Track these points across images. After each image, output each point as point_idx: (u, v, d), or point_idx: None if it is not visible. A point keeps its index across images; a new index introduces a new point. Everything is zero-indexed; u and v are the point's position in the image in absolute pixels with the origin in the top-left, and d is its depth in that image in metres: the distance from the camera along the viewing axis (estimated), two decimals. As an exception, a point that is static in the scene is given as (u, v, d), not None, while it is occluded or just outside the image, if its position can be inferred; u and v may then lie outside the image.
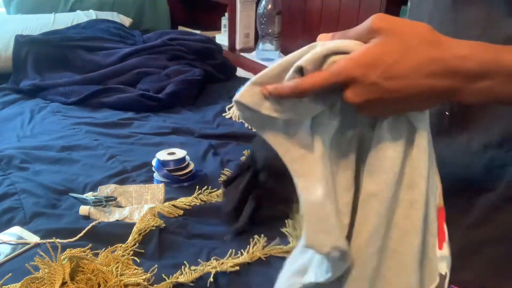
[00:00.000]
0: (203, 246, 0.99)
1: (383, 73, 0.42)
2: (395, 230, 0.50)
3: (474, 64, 0.43)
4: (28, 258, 0.95)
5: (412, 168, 0.49)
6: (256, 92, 0.49)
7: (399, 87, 0.43)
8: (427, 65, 0.42)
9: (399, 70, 0.42)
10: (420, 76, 0.42)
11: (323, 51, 0.45)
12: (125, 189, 1.20)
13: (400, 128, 0.48)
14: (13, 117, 1.68)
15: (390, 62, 0.42)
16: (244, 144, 1.51)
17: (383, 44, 0.43)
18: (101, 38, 2.15)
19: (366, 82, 0.43)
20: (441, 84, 0.43)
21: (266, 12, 2.39)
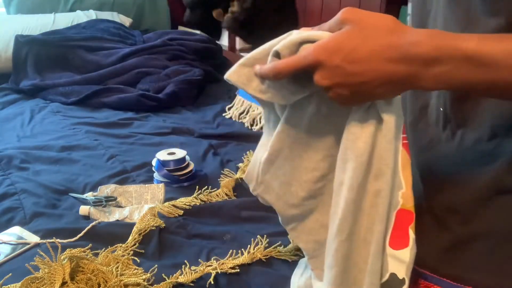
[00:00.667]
0: (203, 246, 0.99)
1: (345, 57, 0.46)
2: (364, 218, 0.52)
3: (428, 49, 0.45)
4: (28, 258, 0.95)
5: (379, 158, 0.51)
6: (244, 72, 0.54)
7: (360, 70, 0.46)
8: (385, 51, 0.46)
9: (360, 55, 0.46)
10: (378, 61, 0.46)
11: (298, 39, 0.50)
12: (125, 189, 1.20)
13: (369, 120, 0.51)
14: (13, 117, 1.68)
15: (351, 47, 0.46)
16: (244, 144, 1.51)
17: (348, 32, 0.47)
18: (101, 38, 2.15)
19: (331, 65, 0.47)
20: (398, 69, 0.46)
21: (266, 12, 2.39)
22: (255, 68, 0.53)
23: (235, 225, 1.07)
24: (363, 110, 0.51)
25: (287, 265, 0.94)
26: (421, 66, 0.45)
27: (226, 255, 0.96)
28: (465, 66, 0.45)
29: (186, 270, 0.90)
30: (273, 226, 1.06)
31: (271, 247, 0.96)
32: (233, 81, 0.55)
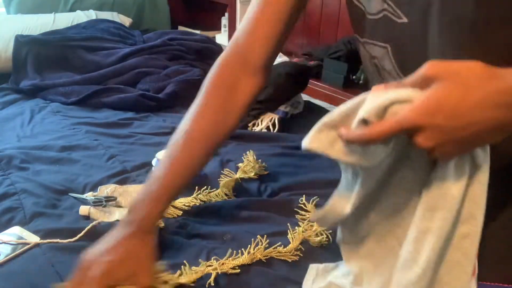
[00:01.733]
0: (203, 246, 0.99)
1: (448, 115, 0.44)
2: (446, 262, 0.52)
3: None
4: (28, 258, 0.95)
5: (472, 203, 0.51)
6: (323, 138, 0.54)
7: (466, 124, 0.45)
8: (491, 98, 0.44)
9: (463, 109, 0.44)
10: (485, 110, 0.44)
11: (385, 102, 0.47)
12: (125, 189, 1.20)
13: (465, 168, 0.50)
14: (13, 117, 1.68)
15: (453, 104, 0.44)
16: (244, 144, 1.51)
17: (442, 88, 0.45)
18: (101, 38, 2.15)
19: (433, 126, 0.45)
20: (504, 115, 0.44)
21: (266, 12, 2.39)
22: (341, 132, 0.51)
23: (235, 225, 1.07)
24: (457, 159, 0.50)
25: (287, 265, 0.94)
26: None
27: (226, 255, 0.96)
28: None
29: (186, 270, 0.90)
30: (273, 226, 1.06)
31: (271, 248, 0.96)
32: (315, 149, 0.54)
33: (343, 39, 2.15)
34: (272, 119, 1.66)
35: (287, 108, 1.72)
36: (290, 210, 1.13)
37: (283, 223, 1.07)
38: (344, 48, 2.08)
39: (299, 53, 2.45)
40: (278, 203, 1.17)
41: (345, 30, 2.21)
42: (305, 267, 0.91)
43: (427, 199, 0.51)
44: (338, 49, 2.11)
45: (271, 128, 1.63)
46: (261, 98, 1.67)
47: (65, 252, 0.96)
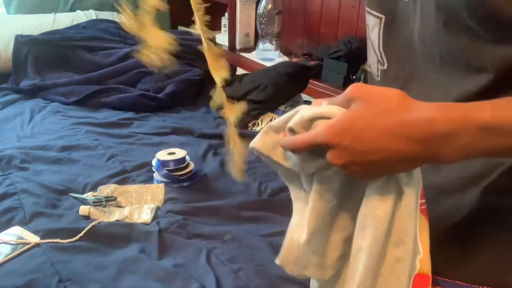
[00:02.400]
0: (203, 246, 0.99)
1: (355, 138, 0.46)
2: (381, 283, 0.53)
3: (442, 125, 0.44)
4: (28, 258, 0.95)
5: (399, 228, 0.52)
6: (267, 140, 0.57)
7: (370, 149, 0.46)
8: (395, 129, 0.45)
9: (369, 135, 0.45)
10: (388, 140, 0.45)
11: (309, 116, 0.51)
12: (125, 189, 1.20)
13: (389, 190, 0.51)
14: (13, 117, 1.68)
15: (360, 127, 0.46)
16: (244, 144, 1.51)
17: (356, 111, 0.46)
18: (101, 38, 2.15)
19: (340, 147, 0.47)
20: (412, 148, 0.45)
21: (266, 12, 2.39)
22: (280, 136, 0.54)
23: (235, 225, 1.07)
24: (383, 180, 0.51)
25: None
26: (438, 143, 0.44)
27: (226, 255, 0.96)
28: (483, 136, 0.44)
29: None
30: (273, 226, 1.06)
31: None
32: (258, 148, 0.57)
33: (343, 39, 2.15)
34: (272, 119, 1.66)
35: (287, 108, 1.72)
36: (290, 210, 1.13)
37: (283, 223, 1.07)
38: (344, 48, 2.08)
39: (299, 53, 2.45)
40: (278, 203, 1.17)
41: (345, 30, 2.21)
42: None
43: (359, 216, 0.53)
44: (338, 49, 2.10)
45: (271, 128, 1.64)
46: (261, 98, 1.67)
47: (65, 252, 0.96)
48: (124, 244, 1.00)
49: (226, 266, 0.93)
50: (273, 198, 1.20)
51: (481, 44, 0.49)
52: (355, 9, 2.14)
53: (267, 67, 1.95)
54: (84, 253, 0.96)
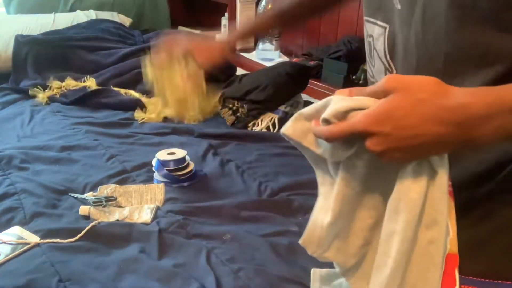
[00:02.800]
0: (203, 246, 0.99)
1: (396, 125, 0.48)
2: (414, 266, 0.54)
3: (478, 109, 0.47)
4: (28, 258, 0.95)
5: (433, 208, 0.53)
6: (298, 127, 0.58)
7: (411, 135, 0.48)
8: (434, 115, 0.47)
9: (409, 122, 0.48)
10: (428, 125, 0.48)
11: (344, 108, 0.52)
12: (125, 189, 1.20)
13: (422, 172, 0.52)
14: (13, 117, 1.68)
15: (401, 115, 0.48)
16: (244, 144, 1.51)
17: (394, 100, 0.49)
18: (101, 38, 2.15)
19: (381, 134, 0.49)
20: (449, 131, 0.47)
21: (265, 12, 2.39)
22: (312, 125, 0.56)
23: (235, 225, 1.07)
24: (415, 163, 0.53)
25: (287, 265, 0.94)
26: (474, 126, 0.47)
27: (226, 255, 0.96)
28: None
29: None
30: (273, 226, 1.06)
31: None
32: (289, 135, 0.58)
33: (343, 39, 2.15)
34: (272, 119, 1.66)
35: (287, 108, 1.72)
36: (290, 210, 1.13)
37: (283, 223, 1.07)
38: (344, 48, 2.08)
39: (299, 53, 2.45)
40: (278, 203, 1.17)
41: (345, 30, 2.21)
42: (305, 267, 0.91)
43: (391, 201, 0.55)
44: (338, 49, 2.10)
45: (271, 128, 1.63)
46: (261, 98, 1.67)
47: (65, 252, 0.96)
48: (124, 244, 1.00)
49: (226, 266, 0.93)
50: (273, 198, 1.20)
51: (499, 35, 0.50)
52: (355, 9, 2.14)
53: (267, 67, 1.95)
54: (84, 253, 0.96)
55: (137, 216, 1.08)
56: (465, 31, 0.53)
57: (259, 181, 1.27)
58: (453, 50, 0.56)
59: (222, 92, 1.80)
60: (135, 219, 1.08)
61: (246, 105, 1.69)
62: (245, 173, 1.31)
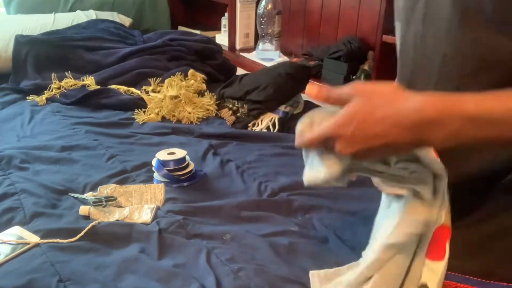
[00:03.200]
0: (203, 246, 0.99)
1: (357, 127, 0.54)
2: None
3: (428, 114, 0.50)
4: (28, 258, 0.95)
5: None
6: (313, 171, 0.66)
7: (372, 135, 0.53)
8: (390, 117, 0.52)
9: (369, 123, 0.53)
10: (386, 127, 0.52)
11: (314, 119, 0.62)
12: (125, 189, 1.20)
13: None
14: (13, 117, 1.68)
15: (361, 118, 0.53)
16: (244, 144, 1.51)
17: (356, 104, 0.54)
18: (101, 38, 2.15)
19: (346, 135, 0.54)
20: (403, 134, 0.51)
21: (266, 12, 2.39)
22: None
23: (235, 225, 1.07)
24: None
25: (287, 265, 0.94)
26: (426, 130, 0.50)
27: (226, 255, 0.96)
28: (468, 126, 0.49)
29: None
30: (273, 226, 1.06)
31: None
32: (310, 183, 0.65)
33: (343, 39, 2.14)
34: (272, 119, 1.66)
35: (287, 108, 1.72)
36: (290, 210, 1.13)
37: (283, 223, 1.07)
38: (344, 48, 2.08)
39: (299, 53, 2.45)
40: (278, 203, 1.17)
41: (345, 30, 2.21)
42: (305, 267, 0.91)
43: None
44: (338, 49, 2.10)
45: (271, 128, 1.63)
46: (261, 98, 1.67)
47: (65, 252, 0.96)
48: (124, 244, 1.00)
49: (226, 266, 0.93)
50: (273, 198, 1.20)
51: (501, 38, 0.51)
52: (355, 9, 2.14)
53: (267, 67, 1.95)
54: (84, 253, 0.96)
55: (137, 216, 1.08)
56: (466, 31, 0.53)
57: (259, 181, 1.27)
58: (452, 51, 0.56)
59: (222, 93, 1.80)
60: (135, 219, 1.08)
61: (246, 105, 1.69)
62: (245, 173, 1.31)
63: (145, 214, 1.09)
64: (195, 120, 1.69)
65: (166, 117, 1.72)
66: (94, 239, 1.00)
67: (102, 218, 1.08)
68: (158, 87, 1.87)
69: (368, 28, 2.09)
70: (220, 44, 2.35)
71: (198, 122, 1.69)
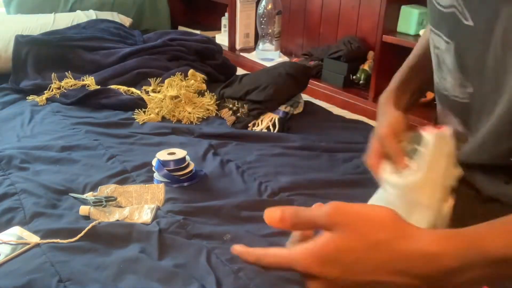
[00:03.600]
0: (203, 246, 0.99)
1: (345, 270, 0.40)
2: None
3: (450, 261, 0.39)
4: (28, 258, 0.95)
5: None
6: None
7: (363, 282, 0.41)
8: (392, 263, 0.40)
9: (362, 268, 0.40)
10: (383, 274, 0.40)
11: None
12: (125, 189, 1.20)
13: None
14: (13, 117, 1.68)
15: (352, 259, 0.40)
16: (244, 144, 1.51)
17: (343, 239, 0.41)
18: (101, 38, 2.15)
19: (327, 278, 0.41)
20: (409, 282, 0.40)
21: (266, 12, 2.39)
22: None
23: (235, 225, 1.07)
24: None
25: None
26: (443, 279, 0.40)
27: (226, 255, 0.96)
28: (494, 268, 0.40)
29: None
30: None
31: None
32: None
33: (343, 39, 2.15)
34: (272, 119, 1.66)
35: (287, 108, 1.72)
36: (290, 210, 1.13)
37: (283, 223, 1.07)
38: (344, 48, 2.08)
39: (299, 53, 2.45)
40: (278, 203, 1.17)
41: (345, 30, 2.21)
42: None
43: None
44: (338, 49, 2.11)
45: (271, 128, 1.63)
46: (261, 98, 1.67)
47: (65, 252, 0.96)
48: (124, 244, 1.00)
49: (226, 266, 0.93)
50: (273, 198, 1.20)
51: None
52: (355, 9, 2.14)
53: (267, 67, 1.95)
54: (84, 253, 0.96)
55: (137, 216, 1.08)
56: None
57: (259, 181, 1.27)
58: None
59: (222, 93, 1.80)
60: (135, 219, 1.08)
61: (246, 105, 1.69)
62: (245, 173, 1.31)
63: (145, 214, 1.09)
64: (195, 120, 1.69)
65: (166, 117, 1.72)
66: (94, 239, 1.00)
67: (102, 218, 1.08)
68: (158, 87, 1.87)
69: (368, 28, 2.10)
70: (220, 44, 2.35)
71: (198, 122, 1.69)
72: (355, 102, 2.01)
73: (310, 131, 1.60)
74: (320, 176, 1.30)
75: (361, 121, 1.77)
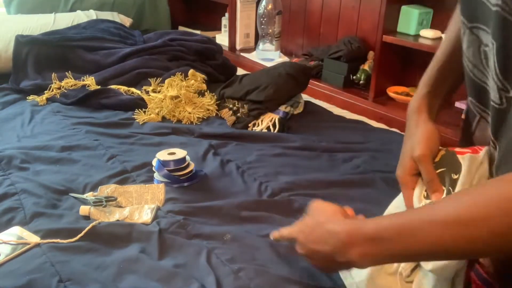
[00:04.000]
0: (203, 246, 0.99)
1: (305, 238, 0.70)
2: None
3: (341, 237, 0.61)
4: (28, 258, 0.95)
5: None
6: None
7: (312, 248, 0.67)
8: (322, 236, 0.65)
9: (311, 237, 0.68)
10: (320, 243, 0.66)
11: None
12: (125, 189, 1.20)
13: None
14: (13, 117, 1.68)
15: (308, 231, 0.70)
16: (244, 144, 1.51)
17: (307, 219, 0.73)
18: (101, 38, 2.15)
19: (298, 241, 0.73)
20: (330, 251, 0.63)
21: (266, 12, 2.39)
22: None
23: (235, 225, 1.07)
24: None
25: (287, 265, 0.94)
26: (342, 250, 0.61)
27: (226, 255, 0.96)
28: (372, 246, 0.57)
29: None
30: (274, 226, 1.06)
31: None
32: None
33: (343, 39, 2.14)
34: (273, 119, 1.66)
35: (287, 108, 1.72)
36: (290, 210, 1.13)
37: (283, 223, 1.07)
38: (345, 48, 2.08)
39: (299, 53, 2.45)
40: (278, 203, 1.17)
41: (345, 30, 2.21)
42: (305, 267, 0.91)
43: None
44: (338, 49, 2.10)
45: (271, 128, 1.63)
46: (261, 98, 1.67)
47: (65, 252, 0.96)
48: (124, 244, 1.00)
49: (226, 266, 0.93)
50: (273, 198, 1.20)
51: None
52: (355, 9, 2.14)
53: (267, 67, 1.95)
54: (84, 253, 0.96)
55: (137, 216, 1.08)
56: None
57: (259, 181, 1.27)
58: None
59: (222, 93, 1.80)
60: (136, 219, 1.08)
61: (247, 105, 1.69)
62: (246, 173, 1.31)
63: (145, 214, 1.09)
64: (195, 120, 1.69)
65: (166, 117, 1.72)
66: (94, 239, 1.00)
67: (102, 218, 1.08)
68: (158, 87, 1.87)
69: (368, 28, 2.10)
70: (220, 44, 2.35)
71: (198, 122, 1.69)
72: (355, 102, 2.00)
73: (310, 131, 1.60)
74: (320, 176, 1.30)
75: (361, 121, 1.77)
